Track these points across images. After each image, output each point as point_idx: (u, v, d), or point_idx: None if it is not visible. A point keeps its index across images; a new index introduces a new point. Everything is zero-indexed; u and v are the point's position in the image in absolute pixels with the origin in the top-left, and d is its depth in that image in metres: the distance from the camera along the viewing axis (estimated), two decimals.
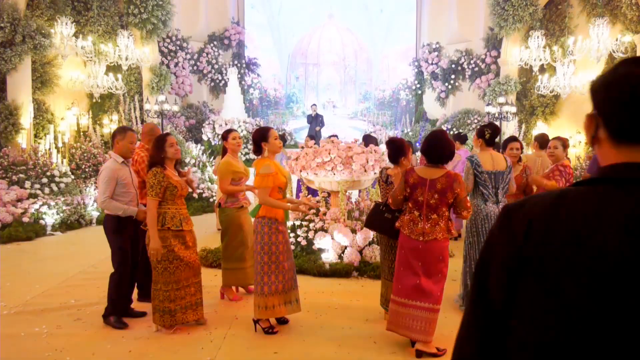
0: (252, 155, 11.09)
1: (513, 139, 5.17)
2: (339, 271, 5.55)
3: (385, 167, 4.51)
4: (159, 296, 3.90)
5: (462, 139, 8.03)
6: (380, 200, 4.57)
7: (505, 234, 0.95)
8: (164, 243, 3.88)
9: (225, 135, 4.91)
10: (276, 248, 3.92)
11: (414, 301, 3.55)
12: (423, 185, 3.51)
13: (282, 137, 5.26)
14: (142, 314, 4.33)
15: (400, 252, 3.66)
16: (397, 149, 4.22)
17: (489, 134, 4.45)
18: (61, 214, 8.30)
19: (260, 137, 3.98)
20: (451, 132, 12.58)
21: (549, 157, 5.13)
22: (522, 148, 5.14)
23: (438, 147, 3.56)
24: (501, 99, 12.12)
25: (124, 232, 4.08)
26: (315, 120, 14.28)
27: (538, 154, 6.42)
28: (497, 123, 12.17)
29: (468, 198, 3.81)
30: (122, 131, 4.20)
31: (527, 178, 4.87)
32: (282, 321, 4.17)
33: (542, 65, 12.27)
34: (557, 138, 5.12)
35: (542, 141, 6.51)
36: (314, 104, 14.99)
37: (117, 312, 4.12)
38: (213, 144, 13.35)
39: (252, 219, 4.08)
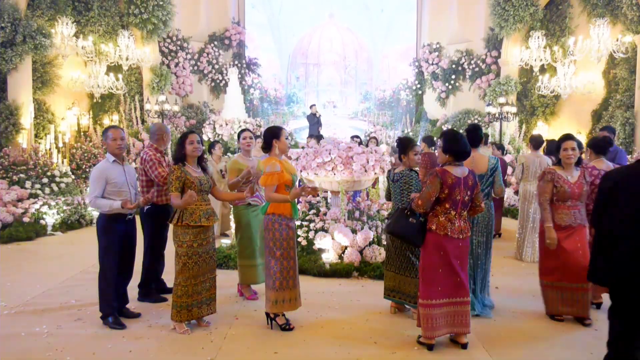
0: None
1: (568, 137, 4.31)
2: (339, 271, 5.56)
3: (393, 167, 4.64)
4: (178, 291, 3.96)
5: (431, 141, 7.55)
6: (385, 201, 4.63)
7: (600, 187, 3.03)
8: (183, 239, 3.92)
9: (239, 135, 5.14)
10: (287, 244, 3.99)
11: (456, 298, 3.66)
12: (459, 184, 3.59)
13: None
14: (137, 315, 4.34)
15: (438, 253, 3.64)
16: (399, 146, 4.42)
17: (467, 134, 4.40)
18: (62, 214, 8.31)
19: (272, 134, 4.09)
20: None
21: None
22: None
23: (462, 144, 3.66)
24: (501, 99, 12.11)
25: (112, 232, 4.07)
26: (317, 121, 14.29)
27: (536, 155, 6.45)
28: (498, 123, 12.19)
29: None
30: (105, 131, 4.28)
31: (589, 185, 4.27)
32: None
33: (543, 65, 12.27)
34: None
35: (537, 142, 6.51)
36: (314, 104, 14.99)
37: (113, 311, 4.13)
38: None
39: (262, 216, 4.12)
